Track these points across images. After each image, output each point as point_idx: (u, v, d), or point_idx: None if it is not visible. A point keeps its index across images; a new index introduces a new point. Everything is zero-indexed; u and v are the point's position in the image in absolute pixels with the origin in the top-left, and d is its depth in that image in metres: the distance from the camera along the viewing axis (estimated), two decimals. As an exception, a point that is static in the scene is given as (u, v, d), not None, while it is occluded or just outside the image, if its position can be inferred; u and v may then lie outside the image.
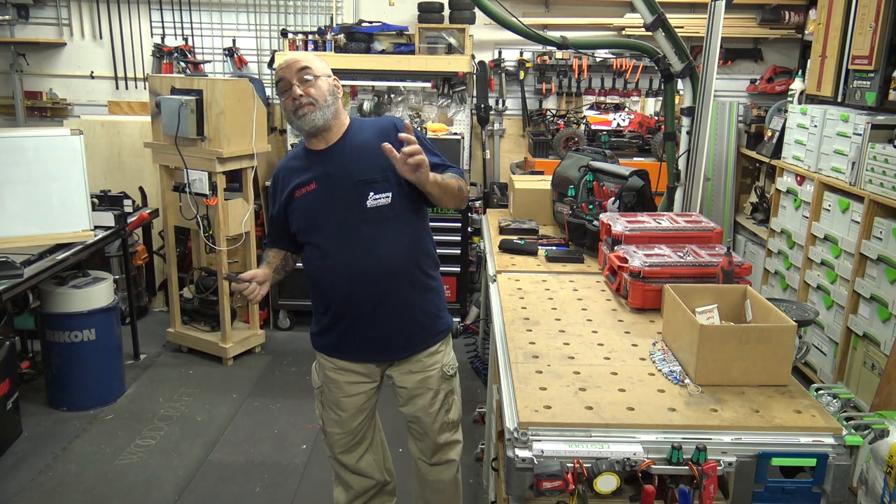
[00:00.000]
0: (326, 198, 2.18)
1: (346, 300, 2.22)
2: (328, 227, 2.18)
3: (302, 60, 2.15)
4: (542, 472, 1.48)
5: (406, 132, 2.06)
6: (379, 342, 2.28)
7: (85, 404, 3.77)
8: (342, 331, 2.28)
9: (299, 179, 2.22)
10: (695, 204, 3.30)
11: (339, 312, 2.26)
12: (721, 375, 1.74)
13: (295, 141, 5.15)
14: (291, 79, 2.13)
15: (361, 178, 2.14)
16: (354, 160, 2.17)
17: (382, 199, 2.14)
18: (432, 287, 2.32)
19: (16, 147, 3.53)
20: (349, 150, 2.20)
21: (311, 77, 2.14)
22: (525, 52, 5.29)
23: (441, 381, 2.35)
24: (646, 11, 3.16)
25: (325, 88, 2.15)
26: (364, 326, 2.25)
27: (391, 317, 2.23)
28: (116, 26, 5.38)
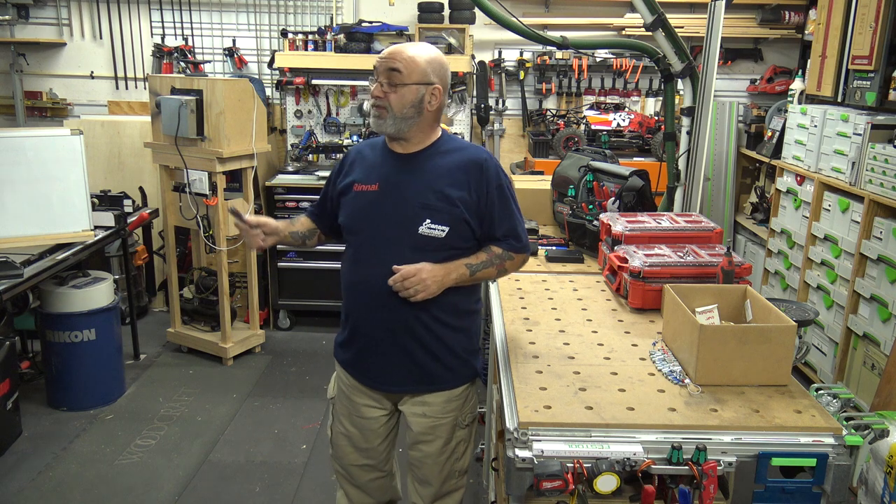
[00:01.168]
0: (382, 205, 2.02)
1: (366, 319, 2.09)
2: (371, 235, 2.04)
3: (397, 60, 1.94)
4: (542, 472, 1.48)
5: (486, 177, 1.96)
6: (393, 371, 2.11)
7: (85, 404, 3.77)
8: (358, 349, 2.15)
9: (364, 173, 2.08)
10: (695, 204, 3.30)
11: (357, 328, 2.13)
12: (721, 375, 1.74)
13: (295, 141, 5.15)
14: (380, 74, 1.96)
15: (424, 202, 1.98)
16: (427, 180, 2.00)
17: (437, 231, 1.97)
18: (462, 328, 2.13)
19: (16, 147, 3.53)
20: (427, 167, 2.02)
21: (397, 83, 1.95)
22: (525, 52, 5.28)
23: (454, 430, 2.17)
24: (646, 11, 3.16)
25: (408, 98, 1.95)
26: (379, 351, 2.10)
27: (409, 349, 2.07)
28: (116, 26, 5.38)
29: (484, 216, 2.01)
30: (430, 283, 1.93)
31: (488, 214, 2.01)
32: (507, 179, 2.06)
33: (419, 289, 1.92)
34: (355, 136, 5.04)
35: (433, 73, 1.98)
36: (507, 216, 2.04)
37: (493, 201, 2.01)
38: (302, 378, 4.22)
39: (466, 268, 2.00)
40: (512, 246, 2.05)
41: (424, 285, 1.93)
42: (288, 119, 5.21)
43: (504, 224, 2.03)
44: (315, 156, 5.11)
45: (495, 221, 2.02)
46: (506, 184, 2.04)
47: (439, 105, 2.01)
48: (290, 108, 5.19)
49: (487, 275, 2.04)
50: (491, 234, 2.04)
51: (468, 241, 2.03)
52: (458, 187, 1.98)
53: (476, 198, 1.99)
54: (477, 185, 1.99)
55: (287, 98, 5.18)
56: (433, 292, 1.94)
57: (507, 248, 2.05)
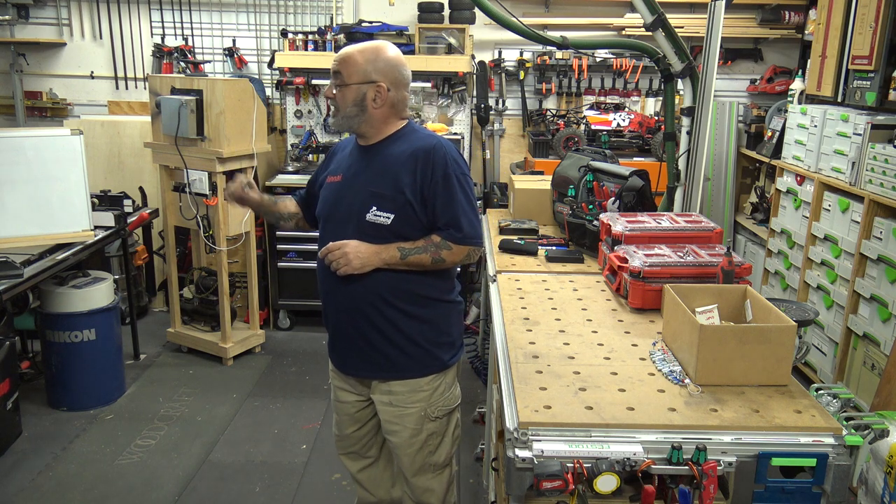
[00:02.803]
0: (342, 195, 2.14)
1: (328, 303, 2.20)
2: (332, 223, 2.16)
3: (338, 62, 2.07)
4: (542, 472, 1.48)
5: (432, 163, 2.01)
6: (356, 356, 2.20)
7: (85, 404, 3.77)
8: (330, 332, 2.26)
9: (335, 166, 2.22)
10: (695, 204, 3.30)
11: (325, 314, 2.25)
12: (721, 375, 1.74)
13: (295, 140, 5.15)
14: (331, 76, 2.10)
15: (372, 190, 2.07)
16: (377, 169, 2.10)
17: (382, 218, 2.05)
18: (428, 317, 2.16)
19: (16, 147, 3.53)
20: (379, 157, 2.12)
21: (339, 84, 2.08)
22: (525, 52, 5.28)
23: (423, 421, 2.20)
24: (646, 11, 3.16)
25: (349, 97, 2.06)
26: (343, 335, 2.20)
27: (367, 334, 2.14)
28: (116, 26, 5.38)
29: (427, 203, 2.05)
30: (351, 257, 2.00)
31: (431, 202, 2.04)
32: (460, 170, 2.08)
33: (342, 262, 2.01)
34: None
35: (376, 72, 2.04)
36: (449, 205, 2.05)
37: (437, 189, 2.03)
38: (302, 378, 4.22)
39: (398, 250, 2.04)
40: (452, 236, 2.07)
41: (346, 259, 2.00)
42: (288, 119, 5.21)
43: (446, 213, 2.06)
44: (315, 156, 5.11)
45: (437, 209, 2.05)
46: (454, 173, 2.06)
47: (390, 101, 2.07)
48: (290, 108, 5.19)
49: (421, 261, 2.06)
50: (433, 223, 2.08)
51: (416, 230, 2.07)
52: (406, 174, 2.03)
53: (420, 184, 2.03)
54: (422, 171, 2.02)
55: (287, 98, 5.18)
56: (356, 268, 2.01)
57: (447, 237, 2.07)
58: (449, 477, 2.33)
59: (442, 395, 2.22)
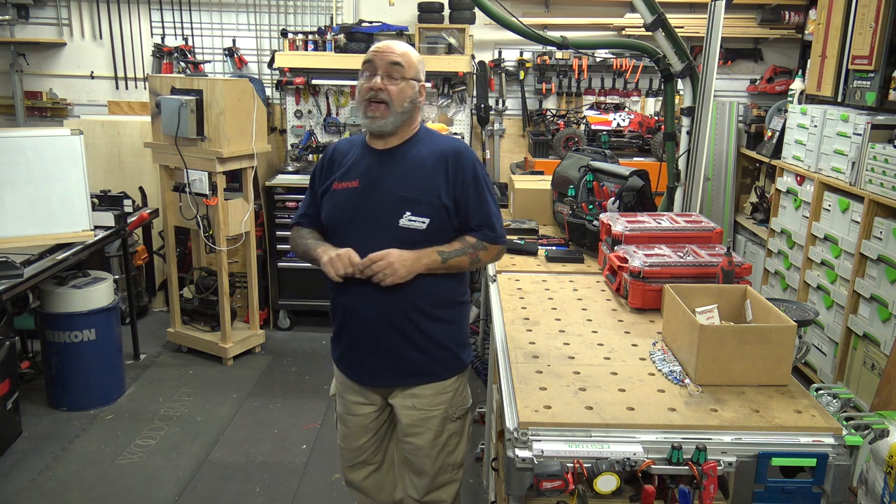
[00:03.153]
0: (363, 201, 2.04)
1: (353, 314, 2.10)
2: (354, 231, 2.04)
3: (398, 54, 1.99)
4: (542, 472, 1.48)
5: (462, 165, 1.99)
6: (381, 367, 2.12)
7: (85, 404, 3.77)
8: (346, 344, 2.17)
9: (344, 170, 2.10)
10: (695, 204, 3.30)
11: (343, 325, 2.15)
12: (721, 375, 1.74)
13: (295, 140, 5.15)
14: (378, 67, 1.98)
15: (403, 195, 2.00)
16: (405, 173, 2.02)
17: (417, 223, 1.99)
18: (451, 319, 2.14)
19: (16, 147, 3.53)
20: (404, 160, 2.04)
21: (398, 77, 1.99)
22: (525, 52, 5.28)
23: (445, 423, 2.18)
24: (646, 11, 3.16)
25: (407, 93, 2.00)
26: (366, 347, 2.12)
27: (395, 344, 2.08)
28: (116, 26, 5.38)
29: (459, 206, 2.02)
30: (397, 266, 1.93)
31: (463, 204, 2.02)
32: (484, 171, 2.09)
33: (388, 272, 1.92)
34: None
35: (421, 71, 2.07)
36: (481, 206, 2.05)
37: (469, 191, 2.02)
38: (302, 378, 4.22)
39: (438, 254, 1.99)
40: (486, 236, 2.06)
41: (392, 269, 1.93)
42: (288, 119, 5.21)
43: (479, 214, 2.05)
44: (315, 156, 5.11)
45: (470, 211, 2.03)
46: (481, 174, 2.06)
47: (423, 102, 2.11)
48: (290, 108, 5.19)
49: (460, 263, 2.04)
50: (466, 225, 2.05)
51: (449, 233, 2.04)
52: (436, 177, 1.99)
53: (452, 187, 2.00)
54: (454, 174, 2.00)
55: (287, 98, 5.18)
56: (402, 276, 1.94)
57: (482, 237, 2.06)
58: (462, 475, 2.33)
59: (461, 394, 2.22)
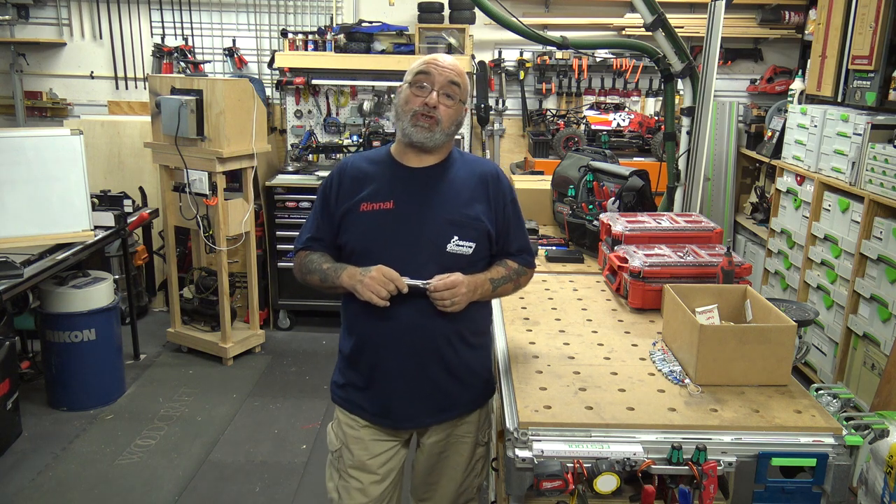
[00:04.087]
0: (402, 224, 1.87)
1: (392, 352, 1.90)
2: (391, 255, 1.84)
3: (456, 73, 1.89)
4: (542, 472, 1.48)
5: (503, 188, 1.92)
6: (420, 406, 1.96)
7: (85, 404, 3.77)
8: (379, 389, 1.95)
9: (371, 190, 1.89)
10: (695, 204, 3.30)
11: (377, 365, 1.93)
12: (721, 375, 1.74)
13: (295, 141, 5.14)
14: (435, 84, 1.86)
15: (449, 218, 1.87)
16: (447, 195, 1.90)
17: (465, 248, 1.87)
18: (483, 345, 2.04)
19: (16, 147, 3.53)
20: (445, 181, 1.92)
21: (453, 97, 1.88)
22: (525, 52, 5.28)
23: (474, 448, 2.08)
24: (646, 11, 3.16)
25: (458, 116, 1.91)
26: (405, 386, 1.93)
27: (437, 378, 1.93)
28: (116, 26, 5.38)
29: (500, 230, 1.94)
30: (465, 296, 1.83)
31: (504, 228, 1.95)
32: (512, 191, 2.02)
33: (456, 300, 1.81)
34: (355, 137, 5.03)
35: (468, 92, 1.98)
36: (520, 230, 2.00)
37: (509, 215, 1.96)
38: (302, 378, 4.22)
39: (490, 283, 1.91)
40: (526, 261, 2.01)
41: (462, 298, 1.82)
42: (288, 119, 5.21)
43: (519, 238, 1.99)
44: (315, 156, 5.11)
45: (510, 236, 1.97)
46: (516, 197, 2.01)
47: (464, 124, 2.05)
48: (290, 108, 5.19)
49: (505, 290, 1.97)
50: (505, 249, 1.97)
51: (486, 259, 1.96)
52: (479, 201, 1.91)
53: (494, 211, 1.93)
54: (495, 197, 1.93)
55: (287, 98, 5.18)
56: (462, 306, 1.84)
57: (522, 262, 2.00)
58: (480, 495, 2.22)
59: (489, 418, 2.12)
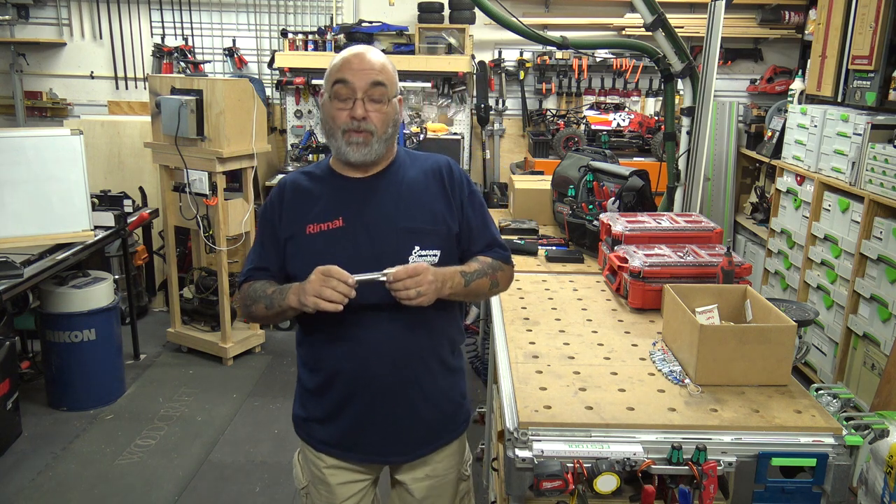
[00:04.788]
0: (354, 242, 1.68)
1: (362, 381, 1.71)
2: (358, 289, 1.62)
3: (377, 71, 1.63)
4: (542, 472, 1.48)
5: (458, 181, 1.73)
6: (395, 438, 1.77)
7: (85, 404, 3.77)
8: (349, 423, 1.76)
9: (317, 210, 1.71)
10: (695, 204, 3.30)
11: (347, 398, 1.74)
12: (721, 375, 1.74)
13: (295, 141, 5.14)
14: (357, 90, 1.62)
15: (407, 226, 1.68)
16: (400, 201, 1.70)
17: (429, 257, 1.68)
18: (459, 367, 1.86)
19: (16, 147, 3.53)
20: (394, 186, 1.72)
21: (381, 98, 1.64)
22: (525, 52, 5.28)
23: (458, 484, 1.93)
24: (646, 11, 3.16)
25: (390, 115, 1.67)
26: (378, 418, 1.74)
27: (414, 405, 1.74)
28: (116, 26, 5.38)
29: (462, 228, 1.76)
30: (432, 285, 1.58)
31: (466, 225, 1.77)
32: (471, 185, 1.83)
33: (423, 290, 1.56)
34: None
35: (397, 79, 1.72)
36: (486, 223, 1.82)
37: (469, 209, 1.78)
38: (302, 378, 4.22)
39: (461, 275, 1.68)
40: (499, 255, 1.81)
41: (429, 287, 1.58)
42: (288, 119, 5.21)
43: (485, 233, 1.81)
44: (315, 156, 5.11)
45: (474, 231, 1.78)
46: (476, 188, 1.82)
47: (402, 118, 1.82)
48: (290, 108, 5.19)
49: (481, 287, 1.73)
50: (472, 248, 1.79)
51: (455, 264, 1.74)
52: (436, 201, 1.72)
53: (455, 208, 1.75)
54: (452, 192, 1.75)
55: (287, 98, 5.18)
56: (429, 300, 1.59)
57: (496, 256, 1.80)
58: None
59: (466, 448, 1.96)
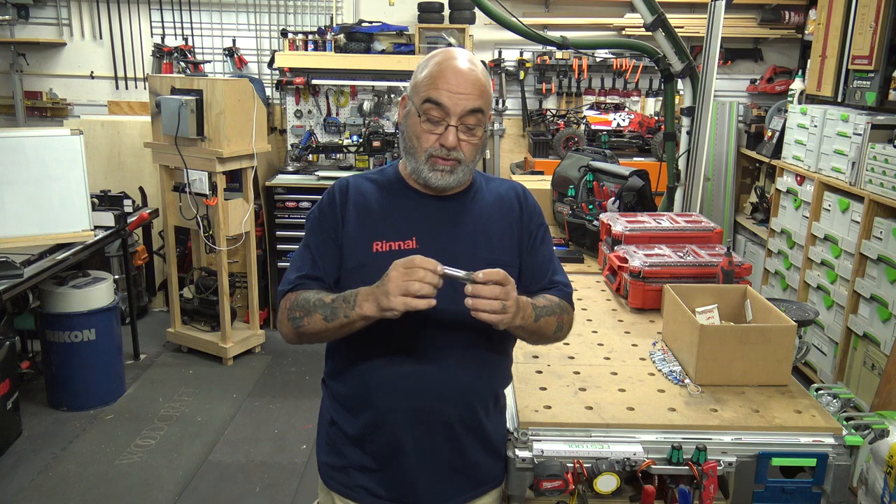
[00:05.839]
0: None
1: (413, 423, 1.51)
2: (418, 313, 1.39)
3: (476, 95, 1.45)
4: (542, 472, 1.48)
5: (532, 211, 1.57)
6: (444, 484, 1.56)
7: (85, 404, 3.77)
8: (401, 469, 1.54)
9: (385, 225, 1.52)
10: (695, 204, 3.30)
11: (399, 442, 1.52)
12: (721, 375, 1.74)
13: (295, 141, 5.14)
14: (452, 116, 1.44)
15: (487, 257, 1.50)
16: (477, 227, 1.54)
17: None
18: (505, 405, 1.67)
19: (16, 147, 3.53)
20: (473, 213, 1.55)
21: (477, 126, 1.47)
22: (525, 52, 5.28)
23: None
24: (646, 11, 3.16)
25: (480, 145, 1.50)
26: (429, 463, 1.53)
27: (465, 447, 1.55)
28: (116, 26, 5.38)
29: (529, 259, 1.59)
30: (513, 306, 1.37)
31: (530, 258, 1.59)
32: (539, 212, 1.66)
33: (508, 305, 1.34)
34: (355, 137, 5.03)
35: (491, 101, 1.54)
36: (552, 258, 1.64)
37: (539, 242, 1.60)
38: (302, 378, 4.22)
39: (532, 308, 1.47)
40: (565, 294, 1.61)
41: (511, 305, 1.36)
42: (288, 119, 5.21)
43: (552, 266, 1.62)
44: (315, 156, 5.11)
45: (543, 266, 1.60)
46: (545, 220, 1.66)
47: None
48: (290, 108, 5.19)
49: (548, 326, 1.53)
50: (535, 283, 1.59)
51: None
52: (513, 230, 1.57)
53: (521, 239, 1.58)
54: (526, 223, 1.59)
55: (287, 98, 5.18)
56: (508, 322, 1.37)
57: (562, 296, 1.60)
58: None
59: None
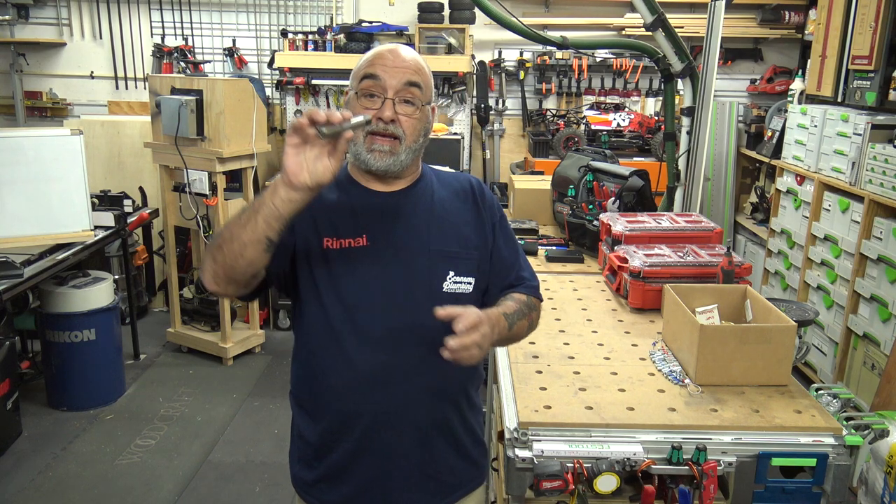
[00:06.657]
0: (382, 265, 1.44)
1: (386, 427, 1.47)
2: (376, 309, 1.43)
3: (413, 70, 1.42)
4: (542, 472, 1.48)
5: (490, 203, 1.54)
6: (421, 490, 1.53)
7: (85, 404, 3.77)
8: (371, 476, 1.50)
9: (334, 221, 1.46)
10: (695, 204, 3.30)
11: (366, 449, 1.49)
12: (721, 375, 1.74)
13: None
14: (388, 88, 1.40)
15: (441, 249, 1.47)
16: (431, 222, 1.49)
17: (464, 285, 1.47)
18: (479, 405, 1.64)
19: (16, 147, 3.53)
20: (425, 206, 1.50)
21: (414, 101, 1.42)
22: (525, 52, 5.28)
23: None
24: (646, 11, 3.16)
25: (423, 122, 1.45)
26: (403, 469, 1.50)
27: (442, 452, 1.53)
28: (116, 26, 5.38)
29: (493, 256, 1.55)
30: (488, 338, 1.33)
31: (497, 254, 1.56)
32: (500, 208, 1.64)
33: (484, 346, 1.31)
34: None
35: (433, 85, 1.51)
36: (516, 251, 1.61)
37: (500, 237, 1.57)
38: (302, 378, 4.22)
39: (505, 319, 1.44)
40: (531, 289, 1.59)
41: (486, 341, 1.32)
42: (288, 119, 5.21)
43: (516, 263, 1.60)
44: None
45: (505, 262, 1.57)
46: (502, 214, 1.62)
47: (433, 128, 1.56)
48: (290, 108, 5.19)
49: (520, 330, 1.51)
50: (500, 280, 1.57)
51: (483, 295, 1.55)
52: (468, 223, 1.53)
53: (486, 233, 1.55)
54: (483, 215, 1.55)
55: (287, 98, 5.18)
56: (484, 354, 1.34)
57: (528, 292, 1.57)
58: None
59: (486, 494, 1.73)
